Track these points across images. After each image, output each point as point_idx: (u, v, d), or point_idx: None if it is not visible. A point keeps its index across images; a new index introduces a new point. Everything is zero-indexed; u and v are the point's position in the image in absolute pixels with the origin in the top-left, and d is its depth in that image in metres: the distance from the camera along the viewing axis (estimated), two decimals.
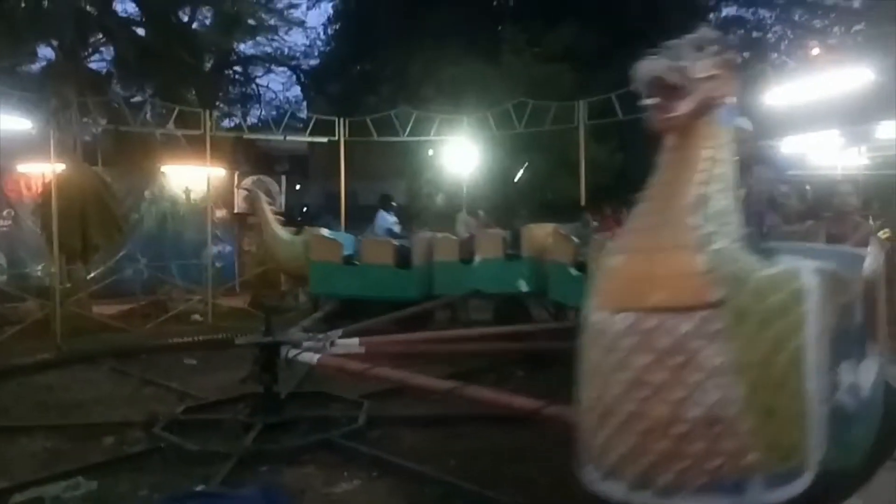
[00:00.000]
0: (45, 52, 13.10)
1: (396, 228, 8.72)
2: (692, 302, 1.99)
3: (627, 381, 2.02)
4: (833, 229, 3.54)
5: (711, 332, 1.97)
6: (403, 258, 7.13)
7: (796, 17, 18.60)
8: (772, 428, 1.97)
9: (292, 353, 4.04)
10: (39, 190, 8.74)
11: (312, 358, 4.00)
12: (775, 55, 17.49)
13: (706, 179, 2.14)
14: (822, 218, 3.72)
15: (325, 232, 8.11)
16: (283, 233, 8.41)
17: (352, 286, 7.09)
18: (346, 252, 7.40)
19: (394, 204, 9.26)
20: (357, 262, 7.30)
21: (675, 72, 2.06)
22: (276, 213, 8.87)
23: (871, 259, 2.76)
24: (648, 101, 2.11)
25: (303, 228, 8.57)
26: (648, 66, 2.08)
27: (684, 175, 2.15)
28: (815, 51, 9.08)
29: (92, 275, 8.56)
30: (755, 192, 3.74)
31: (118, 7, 14.20)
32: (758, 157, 4.21)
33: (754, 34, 19.02)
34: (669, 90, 2.07)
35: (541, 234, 6.96)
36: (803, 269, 2.10)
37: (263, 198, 8.79)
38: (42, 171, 8.37)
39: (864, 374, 2.43)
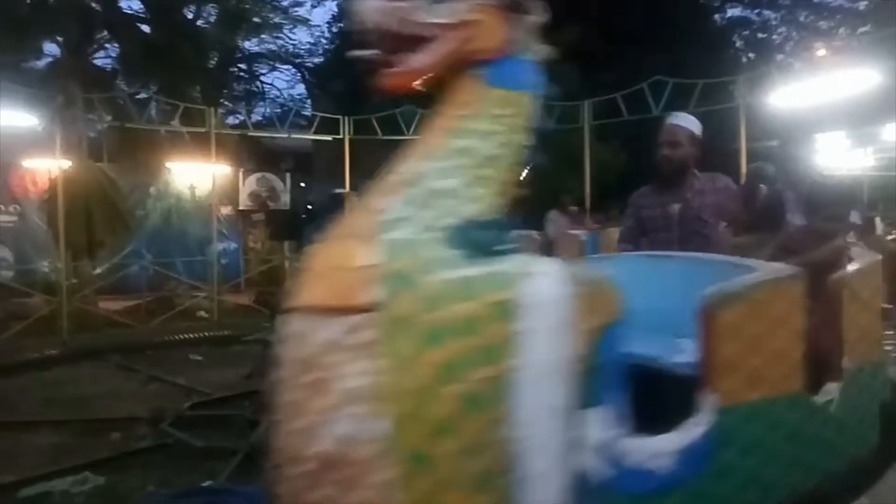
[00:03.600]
0: (51, 48, 13.12)
1: None
2: (340, 303, 1.54)
3: (280, 402, 1.61)
4: (794, 243, 2.85)
5: (357, 344, 1.50)
6: None
7: (802, 19, 18.58)
8: (425, 483, 1.48)
9: None
10: (45, 186, 8.77)
11: None
12: (781, 56, 17.46)
13: (440, 153, 1.73)
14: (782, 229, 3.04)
15: None
16: None
17: None
18: None
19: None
20: None
21: (394, 17, 1.65)
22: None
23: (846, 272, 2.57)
24: (361, 54, 1.72)
25: None
26: (365, 10, 1.67)
27: (420, 147, 1.79)
28: (821, 52, 9.07)
29: (98, 271, 8.59)
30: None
31: (123, 4, 14.20)
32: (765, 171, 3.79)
33: (759, 35, 18.99)
34: (404, 40, 1.68)
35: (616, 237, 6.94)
36: (530, 273, 1.60)
37: (353, 201, 8.81)
38: (48, 168, 8.40)
39: (673, 438, 1.85)
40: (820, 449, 2.26)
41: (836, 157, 9.92)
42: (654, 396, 1.92)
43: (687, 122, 3.28)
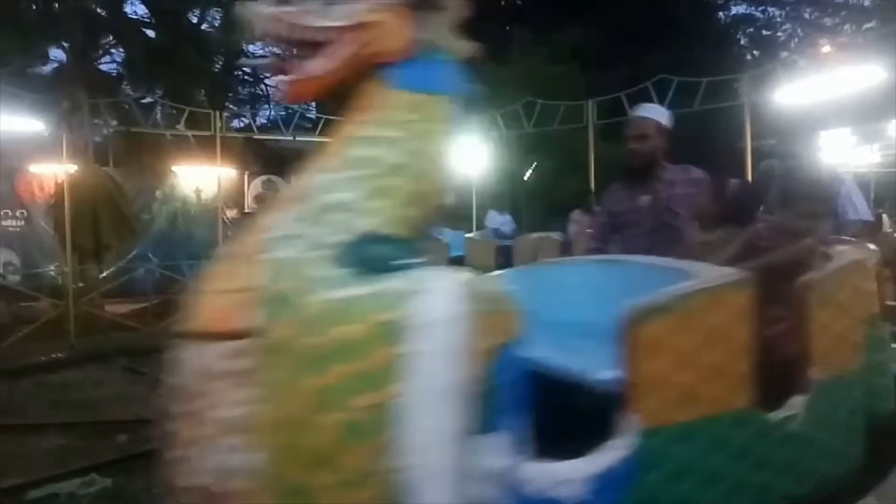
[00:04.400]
0: (57, 54, 13.20)
1: (507, 228, 8.47)
2: (219, 327, 1.46)
3: (164, 431, 1.53)
4: (761, 241, 2.62)
5: (235, 371, 1.41)
6: (506, 260, 7.03)
7: (806, 15, 18.53)
8: None
9: None
10: (52, 190, 8.82)
11: None
12: (785, 53, 17.41)
13: (337, 163, 1.62)
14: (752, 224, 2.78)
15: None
16: None
17: None
18: (456, 252, 7.24)
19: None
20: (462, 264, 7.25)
21: (284, 23, 1.56)
22: None
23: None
24: (252, 63, 1.62)
25: None
26: (255, 17, 1.58)
27: (321, 158, 1.69)
28: (826, 49, 9.02)
29: (104, 274, 8.62)
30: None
31: (128, 9, 14.29)
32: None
33: (764, 32, 18.94)
34: (301, 45, 1.60)
35: None
36: (422, 291, 1.48)
37: None
38: (54, 172, 8.44)
39: (582, 465, 1.70)
40: (776, 469, 2.05)
41: (842, 154, 9.87)
42: (576, 417, 1.86)
43: (654, 113, 3.20)
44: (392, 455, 1.41)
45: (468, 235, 7.81)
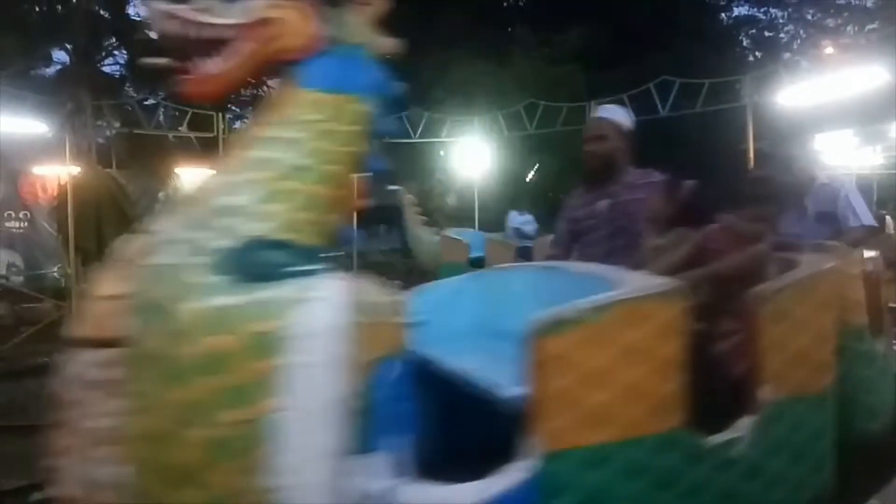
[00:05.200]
0: (60, 55, 13.25)
1: (528, 228, 8.35)
2: (95, 335, 1.42)
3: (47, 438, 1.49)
4: (716, 246, 2.42)
5: (107, 381, 1.37)
6: (526, 260, 6.99)
7: (809, 17, 18.51)
8: None
9: None
10: (55, 192, 8.84)
11: None
12: (788, 55, 17.40)
13: (234, 165, 1.57)
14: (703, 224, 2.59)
15: (452, 232, 8.06)
16: (426, 233, 8.40)
17: None
18: (477, 253, 7.20)
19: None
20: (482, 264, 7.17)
21: (180, 21, 1.51)
22: (419, 214, 8.86)
23: (766, 289, 2.08)
24: (152, 62, 1.57)
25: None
26: (152, 15, 1.52)
27: (223, 160, 1.63)
28: (829, 50, 9.01)
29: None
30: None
31: (131, 10, 14.32)
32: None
33: (767, 34, 18.93)
34: (201, 44, 1.54)
35: None
36: (303, 301, 1.40)
37: (408, 198, 8.85)
38: (57, 174, 8.46)
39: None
40: (714, 498, 1.88)
41: (845, 156, 9.85)
42: (483, 435, 1.78)
43: (613, 114, 3.08)
44: (264, 474, 1.33)
45: (489, 236, 7.79)
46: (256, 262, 1.44)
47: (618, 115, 3.08)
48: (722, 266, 2.32)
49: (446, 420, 2.13)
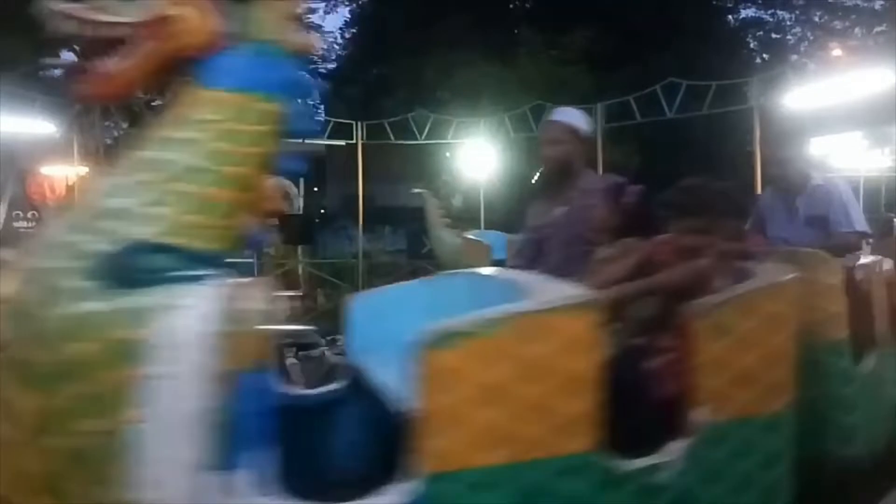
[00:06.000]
0: (68, 56, 13.32)
1: None
2: None
3: None
4: (660, 255, 2.28)
5: None
6: None
7: (816, 19, 18.44)
8: None
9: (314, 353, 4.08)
10: (63, 192, 8.88)
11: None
12: (795, 57, 17.34)
13: (126, 166, 1.52)
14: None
15: (473, 233, 8.05)
16: (449, 236, 8.42)
17: None
18: (499, 255, 7.14)
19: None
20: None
21: (75, 20, 1.47)
22: (443, 216, 8.88)
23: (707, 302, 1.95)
24: (54, 63, 1.57)
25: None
26: (48, 14, 1.49)
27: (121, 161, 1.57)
28: (836, 52, 8.99)
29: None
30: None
31: None
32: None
33: (774, 36, 18.88)
34: (100, 43, 1.50)
35: None
36: (170, 308, 1.36)
37: (430, 200, 8.86)
38: (65, 174, 8.50)
39: None
40: None
41: (853, 159, 9.81)
42: (374, 452, 1.71)
43: (567, 116, 2.97)
44: (122, 487, 1.29)
45: (511, 237, 7.79)
46: (134, 267, 1.40)
47: (573, 118, 2.96)
48: (658, 279, 2.18)
49: (373, 435, 2.02)
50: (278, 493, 1.44)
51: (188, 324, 1.35)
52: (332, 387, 2.21)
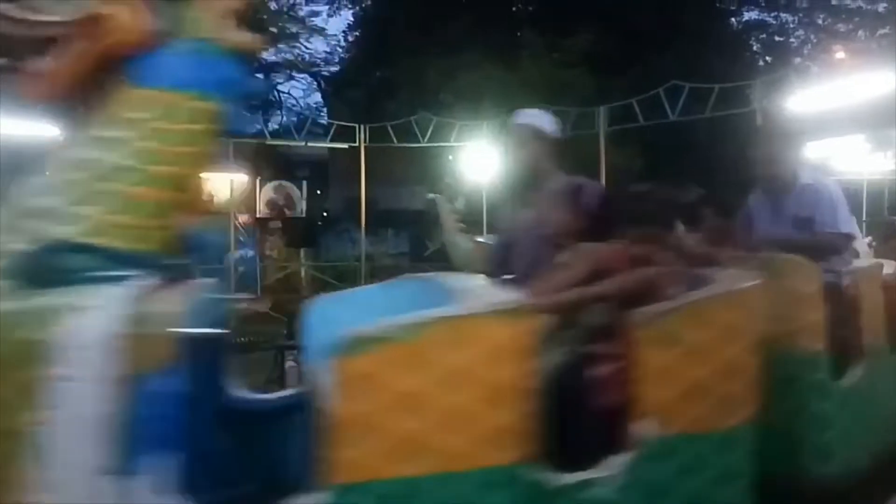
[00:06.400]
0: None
1: None
2: None
3: None
4: (609, 263, 2.19)
5: None
6: None
7: (820, 21, 18.41)
8: None
9: None
10: None
11: None
12: (798, 60, 17.32)
13: (53, 165, 1.51)
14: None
15: (485, 237, 8.09)
16: (463, 240, 8.45)
17: None
18: None
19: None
20: None
21: (2, 19, 1.45)
22: (457, 220, 8.91)
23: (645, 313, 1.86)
24: None
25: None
26: None
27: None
28: (840, 55, 8.97)
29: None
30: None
31: None
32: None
33: (777, 38, 18.86)
34: (33, 42, 1.48)
35: None
36: (77, 309, 1.33)
37: (444, 205, 8.89)
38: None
39: None
40: None
41: (857, 161, 9.80)
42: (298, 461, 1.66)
43: (532, 118, 2.86)
44: (23, 490, 1.27)
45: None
46: (50, 267, 1.38)
47: (537, 119, 2.86)
48: (603, 287, 2.09)
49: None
50: (179, 498, 1.38)
51: (93, 325, 1.32)
52: (287, 392, 2.15)
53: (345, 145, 10.41)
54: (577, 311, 2.07)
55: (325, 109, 19.63)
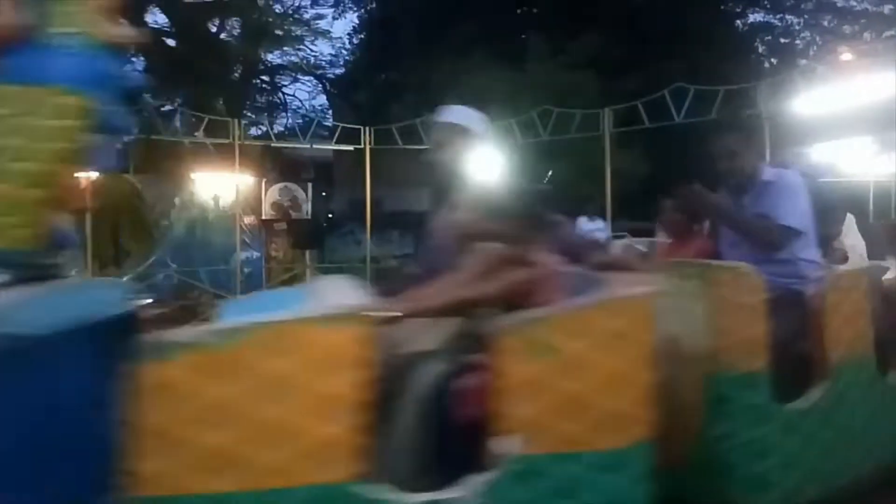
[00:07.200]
0: None
1: (599, 235, 8.00)
2: None
3: None
4: (487, 264, 2.05)
5: None
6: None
7: (825, 23, 18.38)
8: None
9: None
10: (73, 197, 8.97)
11: None
12: (804, 62, 17.28)
13: None
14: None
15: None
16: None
17: None
18: None
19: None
20: None
21: None
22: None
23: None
24: None
25: None
26: None
27: None
28: (845, 57, 8.95)
29: (124, 280, 8.75)
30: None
31: (149, 18, 14.51)
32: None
33: (782, 40, 18.84)
34: None
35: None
36: None
37: None
38: (76, 179, 8.58)
39: None
40: None
41: (862, 164, 9.78)
42: None
43: (455, 116, 2.68)
44: None
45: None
46: None
47: (461, 116, 2.69)
48: (467, 292, 1.93)
49: None
50: None
51: None
52: None
53: (350, 147, 10.45)
54: (450, 316, 1.93)
55: (330, 112, 19.70)
